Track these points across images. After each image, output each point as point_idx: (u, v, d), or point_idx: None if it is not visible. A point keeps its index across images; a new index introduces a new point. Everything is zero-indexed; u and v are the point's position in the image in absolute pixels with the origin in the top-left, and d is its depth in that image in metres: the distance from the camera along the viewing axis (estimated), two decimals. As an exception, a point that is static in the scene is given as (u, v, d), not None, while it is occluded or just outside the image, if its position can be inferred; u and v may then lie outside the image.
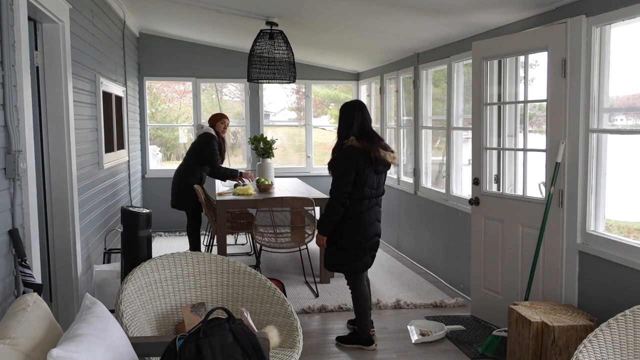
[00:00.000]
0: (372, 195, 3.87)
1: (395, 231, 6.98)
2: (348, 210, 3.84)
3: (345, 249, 3.90)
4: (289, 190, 6.08)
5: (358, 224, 3.85)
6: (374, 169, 3.81)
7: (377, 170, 3.84)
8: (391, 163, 3.90)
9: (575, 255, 3.58)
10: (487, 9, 4.07)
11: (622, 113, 3.90)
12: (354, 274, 3.97)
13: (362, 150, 3.77)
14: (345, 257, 3.91)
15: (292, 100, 9.54)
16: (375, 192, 3.89)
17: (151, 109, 8.67)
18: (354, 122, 3.85)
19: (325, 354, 3.93)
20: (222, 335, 2.14)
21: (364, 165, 3.76)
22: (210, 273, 3.14)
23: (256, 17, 5.35)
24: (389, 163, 3.88)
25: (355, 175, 3.77)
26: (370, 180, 3.82)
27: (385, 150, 3.86)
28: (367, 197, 3.84)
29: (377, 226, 3.97)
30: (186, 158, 5.95)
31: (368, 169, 3.78)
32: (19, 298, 1.97)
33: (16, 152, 2.60)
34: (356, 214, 3.83)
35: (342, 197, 3.78)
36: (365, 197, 3.83)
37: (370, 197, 3.86)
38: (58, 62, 3.64)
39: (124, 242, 3.32)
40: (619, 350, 2.42)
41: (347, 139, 3.84)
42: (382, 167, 3.87)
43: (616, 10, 3.21)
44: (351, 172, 3.75)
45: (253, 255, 6.45)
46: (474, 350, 3.90)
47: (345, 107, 3.96)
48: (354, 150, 3.78)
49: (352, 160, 3.76)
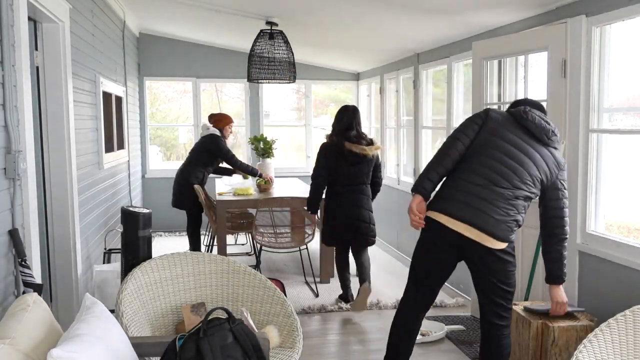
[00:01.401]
0: (346, 183, 4.63)
1: (395, 231, 6.97)
2: (327, 195, 4.75)
3: (327, 224, 4.78)
4: (289, 190, 6.08)
5: (335, 204, 4.68)
6: (344, 160, 4.57)
7: (350, 162, 4.58)
8: (363, 154, 4.56)
9: (575, 255, 3.58)
10: (487, 9, 4.07)
11: (622, 113, 3.90)
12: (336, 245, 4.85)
13: (332, 145, 4.60)
14: (328, 232, 4.79)
15: (292, 100, 9.54)
16: (350, 180, 4.62)
17: (151, 109, 8.68)
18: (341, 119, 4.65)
19: (325, 354, 3.93)
20: (222, 335, 2.14)
21: (333, 157, 4.59)
22: (210, 273, 3.14)
23: (256, 17, 5.35)
24: (359, 153, 4.55)
25: (327, 165, 4.61)
26: (341, 170, 4.59)
27: (357, 144, 4.55)
28: (340, 184, 4.63)
29: (356, 211, 4.65)
30: (189, 158, 5.93)
31: (338, 160, 4.58)
32: (19, 298, 1.97)
33: (16, 152, 2.60)
34: (331, 198, 4.71)
35: (316, 179, 4.67)
36: (337, 184, 4.64)
37: (344, 184, 4.63)
38: (58, 62, 3.64)
39: (124, 242, 3.31)
40: (619, 350, 2.42)
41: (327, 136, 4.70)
42: (355, 158, 4.56)
43: (616, 10, 3.21)
44: (322, 161, 4.63)
45: (253, 255, 6.45)
46: (474, 350, 3.90)
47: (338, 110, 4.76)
48: (325, 145, 4.66)
49: (322, 154, 4.65)
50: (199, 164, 5.82)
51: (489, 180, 2.80)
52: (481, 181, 2.81)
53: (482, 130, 2.90)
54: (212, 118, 5.99)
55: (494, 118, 2.93)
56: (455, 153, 2.90)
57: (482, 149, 2.86)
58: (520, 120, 2.90)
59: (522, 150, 2.84)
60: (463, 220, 2.78)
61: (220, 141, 5.78)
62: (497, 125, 2.90)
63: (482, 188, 2.80)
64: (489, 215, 2.76)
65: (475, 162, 2.86)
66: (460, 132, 2.94)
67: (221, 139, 5.82)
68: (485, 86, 4.33)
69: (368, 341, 4.18)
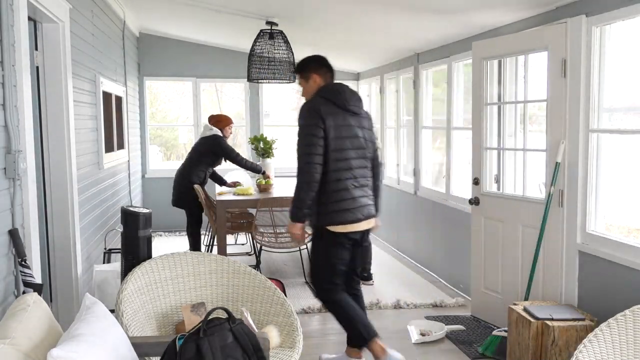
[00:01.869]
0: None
1: (395, 231, 6.98)
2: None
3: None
4: (289, 190, 6.07)
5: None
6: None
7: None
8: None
9: (575, 255, 3.58)
10: (487, 9, 4.07)
11: (622, 113, 3.90)
12: None
13: None
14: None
15: (292, 100, 9.54)
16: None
17: (151, 109, 8.68)
18: None
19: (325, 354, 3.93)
20: (222, 335, 2.14)
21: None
22: (210, 273, 3.14)
23: (256, 17, 5.35)
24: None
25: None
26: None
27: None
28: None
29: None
30: (190, 157, 5.94)
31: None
32: (19, 298, 1.97)
33: (16, 152, 2.60)
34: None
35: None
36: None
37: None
38: (58, 62, 3.64)
39: (124, 242, 3.31)
40: (619, 350, 2.42)
41: None
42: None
43: (616, 10, 3.21)
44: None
45: (253, 255, 6.45)
46: (474, 350, 3.90)
47: None
48: None
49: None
50: (201, 164, 5.83)
51: (354, 176, 3.36)
52: (351, 182, 3.35)
53: (326, 136, 3.28)
54: (212, 119, 5.99)
55: (325, 118, 3.29)
56: (318, 176, 3.28)
57: (335, 153, 3.30)
58: (339, 101, 3.38)
59: (356, 133, 3.38)
60: (359, 220, 3.37)
61: (223, 142, 5.82)
62: (332, 122, 3.30)
63: (355, 186, 3.38)
64: (371, 204, 3.46)
65: (335, 167, 3.31)
66: (311, 154, 3.28)
67: (224, 140, 5.85)
68: (485, 86, 4.33)
69: (368, 341, 4.18)
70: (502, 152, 4.49)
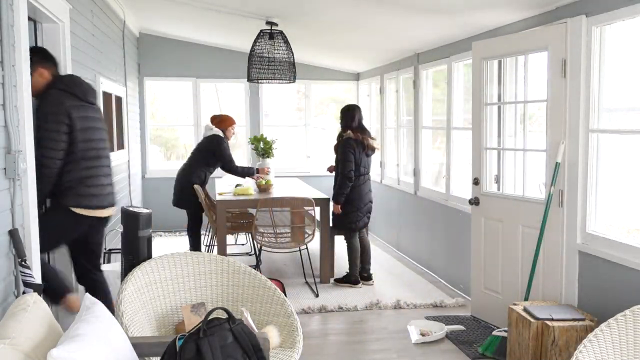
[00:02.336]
0: (365, 172, 5.39)
1: (395, 231, 6.97)
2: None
3: (349, 212, 5.33)
4: (289, 190, 6.08)
5: (357, 194, 5.34)
6: (365, 153, 5.35)
7: (367, 154, 5.38)
8: (376, 148, 5.48)
9: (575, 255, 3.58)
10: (487, 9, 4.07)
11: (622, 113, 3.89)
12: (354, 231, 5.40)
13: (357, 139, 5.30)
14: (350, 218, 5.34)
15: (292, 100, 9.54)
16: (367, 170, 5.41)
17: (151, 109, 8.68)
18: (355, 116, 5.38)
19: (325, 354, 3.93)
20: (222, 335, 2.14)
21: (359, 150, 5.30)
22: (210, 273, 3.14)
23: (256, 17, 5.35)
24: (375, 148, 5.45)
25: (354, 160, 5.26)
26: (364, 162, 5.34)
27: (373, 139, 5.45)
28: (362, 174, 5.35)
29: (370, 195, 5.48)
30: (191, 158, 5.94)
31: (361, 153, 5.31)
32: (19, 298, 1.97)
33: (16, 152, 2.60)
34: (355, 187, 5.32)
35: (348, 173, 5.24)
36: (361, 174, 5.33)
37: (364, 174, 5.37)
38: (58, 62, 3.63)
39: (124, 242, 3.31)
40: (619, 350, 2.42)
41: (345, 131, 5.35)
42: (371, 151, 5.42)
43: (616, 10, 3.21)
44: (350, 155, 5.25)
45: (253, 255, 6.45)
46: (474, 350, 3.90)
47: (348, 107, 5.49)
48: (351, 140, 5.30)
49: (351, 147, 5.28)
50: (202, 164, 5.83)
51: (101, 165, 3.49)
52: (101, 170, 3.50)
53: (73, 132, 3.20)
54: (214, 119, 5.99)
55: (74, 115, 3.20)
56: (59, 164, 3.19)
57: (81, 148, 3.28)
58: (79, 94, 3.29)
59: (98, 128, 3.46)
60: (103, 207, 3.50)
61: (223, 143, 5.80)
62: (79, 120, 3.24)
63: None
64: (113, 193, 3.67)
65: (82, 159, 3.32)
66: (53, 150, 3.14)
67: (225, 141, 5.83)
68: (485, 86, 4.33)
69: (368, 341, 4.18)
70: (502, 152, 4.49)
